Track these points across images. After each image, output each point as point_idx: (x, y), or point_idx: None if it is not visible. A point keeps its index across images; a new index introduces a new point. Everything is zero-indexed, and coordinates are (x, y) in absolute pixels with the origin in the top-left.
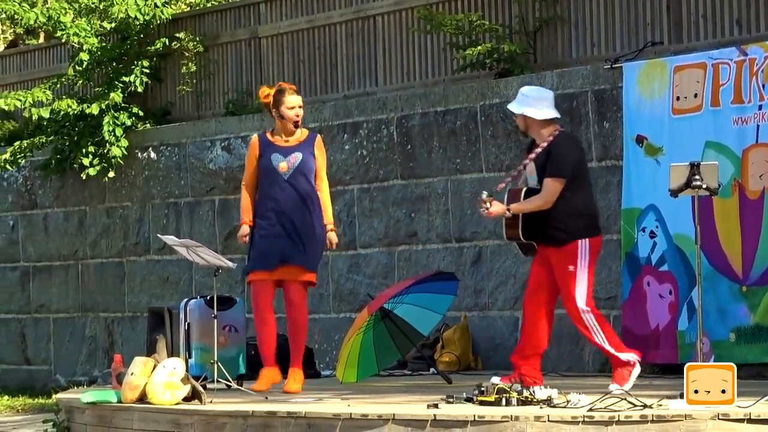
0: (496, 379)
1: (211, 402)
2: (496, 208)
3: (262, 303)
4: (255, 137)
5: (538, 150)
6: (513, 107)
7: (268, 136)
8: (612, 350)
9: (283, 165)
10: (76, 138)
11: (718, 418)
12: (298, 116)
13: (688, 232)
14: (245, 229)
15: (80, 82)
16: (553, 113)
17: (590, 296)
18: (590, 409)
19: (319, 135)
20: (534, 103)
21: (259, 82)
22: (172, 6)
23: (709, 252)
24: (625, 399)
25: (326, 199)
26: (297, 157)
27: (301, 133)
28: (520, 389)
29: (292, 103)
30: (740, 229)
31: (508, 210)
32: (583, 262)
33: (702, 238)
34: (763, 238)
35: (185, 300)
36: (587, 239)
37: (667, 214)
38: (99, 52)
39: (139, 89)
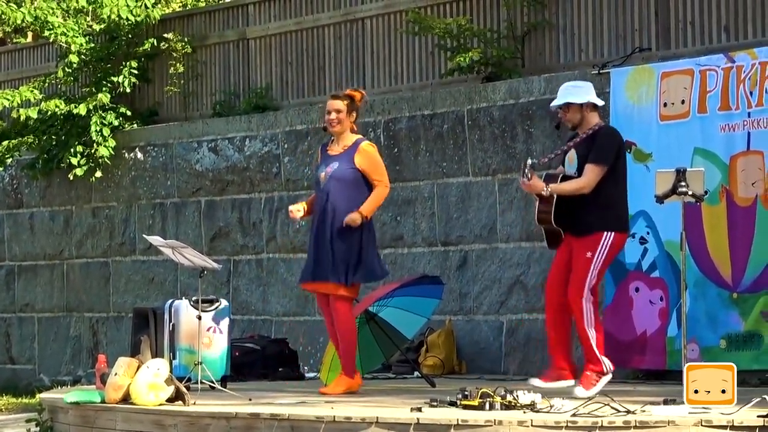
0: (535, 381)
1: (194, 403)
2: (536, 182)
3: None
4: (319, 147)
5: (583, 136)
6: (575, 99)
7: (329, 144)
8: (596, 348)
9: (323, 174)
10: (63, 138)
11: (701, 425)
12: (329, 121)
13: (678, 239)
14: (298, 206)
15: (69, 81)
16: (601, 101)
17: (596, 288)
18: (573, 415)
19: (365, 141)
20: (591, 91)
21: (247, 84)
22: (163, 7)
23: (699, 258)
24: (609, 405)
25: (373, 194)
26: (334, 166)
27: (350, 140)
28: (503, 393)
29: (327, 107)
30: (728, 236)
31: (547, 188)
32: (602, 253)
33: (691, 245)
34: (755, 246)
35: (170, 301)
36: (613, 233)
37: (658, 221)
38: (87, 52)
39: (127, 90)
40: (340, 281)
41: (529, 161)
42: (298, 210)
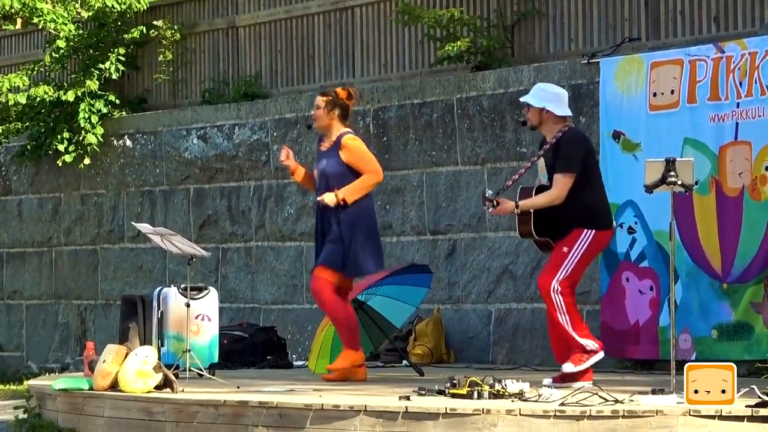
0: (547, 381)
1: (182, 391)
2: (504, 205)
3: None
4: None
5: (547, 146)
6: (532, 101)
7: (322, 139)
8: (573, 332)
9: (316, 172)
10: (51, 125)
11: (689, 414)
12: (313, 116)
13: (668, 229)
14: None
15: (56, 68)
16: (569, 111)
17: (572, 283)
18: (562, 404)
19: (346, 135)
20: (554, 99)
21: (236, 72)
22: None
23: (690, 249)
24: (597, 394)
25: (358, 180)
26: (323, 163)
27: (335, 135)
28: (492, 382)
29: (315, 103)
30: (718, 226)
31: (517, 207)
32: (580, 248)
33: (683, 235)
34: (743, 236)
35: (159, 288)
36: (593, 230)
37: (646, 211)
38: (75, 39)
39: (114, 76)
40: (327, 266)
41: (488, 193)
42: (294, 167)
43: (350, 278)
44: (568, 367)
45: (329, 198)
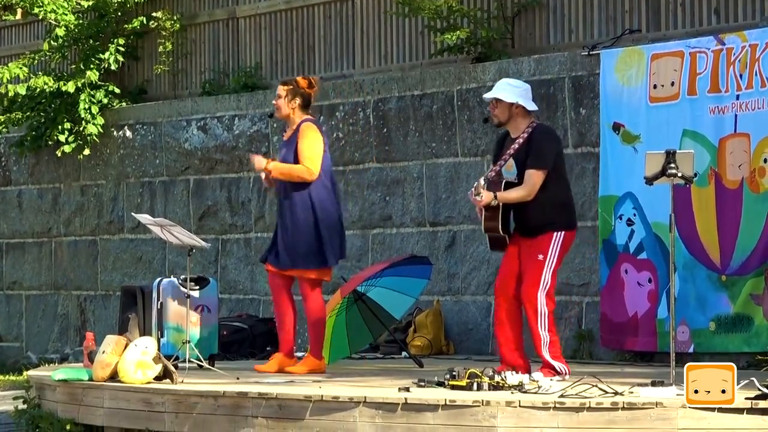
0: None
1: (182, 382)
2: (486, 196)
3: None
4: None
5: (520, 141)
6: (505, 96)
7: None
8: (547, 351)
9: (278, 160)
10: (51, 115)
11: (688, 406)
12: (274, 105)
13: (666, 221)
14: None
15: (56, 58)
16: (536, 106)
17: (552, 292)
18: (561, 396)
19: (305, 122)
20: (524, 94)
21: (236, 63)
22: None
23: (688, 241)
24: (596, 386)
25: (292, 165)
26: (282, 152)
27: (295, 124)
28: (491, 374)
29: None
30: (716, 219)
31: (495, 198)
32: (554, 253)
33: (680, 227)
34: (743, 228)
35: (158, 279)
36: (563, 232)
37: (645, 203)
38: (76, 29)
39: (113, 67)
40: (307, 266)
41: (482, 181)
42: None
43: (285, 269)
44: (537, 375)
45: (258, 160)
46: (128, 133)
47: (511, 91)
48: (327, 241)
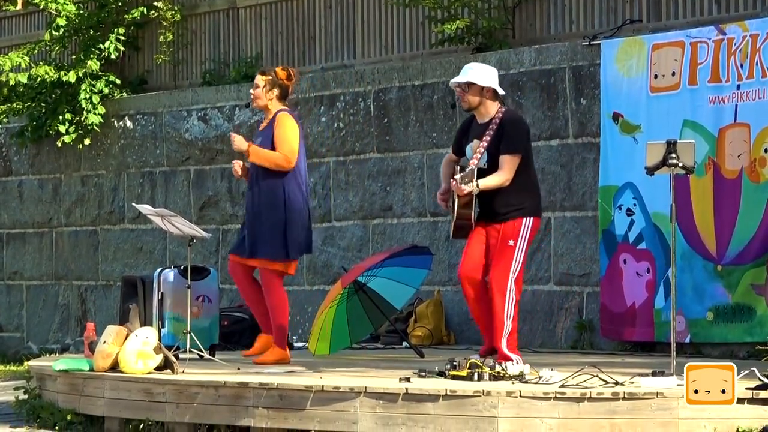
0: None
1: (183, 372)
2: (469, 184)
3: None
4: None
5: (494, 128)
6: (478, 80)
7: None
8: (505, 341)
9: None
10: (52, 105)
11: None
12: (252, 95)
13: (666, 211)
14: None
15: (57, 48)
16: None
17: (521, 278)
18: (562, 386)
19: (281, 112)
20: (495, 79)
21: (237, 53)
22: None
23: (686, 231)
24: (597, 376)
25: (271, 151)
26: (257, 141)
27: (272, 115)
28: (492, 364)
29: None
30: (713, 209)
31: (477, 186)
32: (524, 239)
33: (678, 217)
34: (740, 218)
35: (159, 269)
36: (532, 218)
37: (645, 193)
38: (76, 19)
39: (113, 56)
40: (267, 257)
41: (474, 168)
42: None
43: (248, 257)
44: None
45: (239, 140)
46: (129, 124)
47: (484, 75)
48: (292, 233)
